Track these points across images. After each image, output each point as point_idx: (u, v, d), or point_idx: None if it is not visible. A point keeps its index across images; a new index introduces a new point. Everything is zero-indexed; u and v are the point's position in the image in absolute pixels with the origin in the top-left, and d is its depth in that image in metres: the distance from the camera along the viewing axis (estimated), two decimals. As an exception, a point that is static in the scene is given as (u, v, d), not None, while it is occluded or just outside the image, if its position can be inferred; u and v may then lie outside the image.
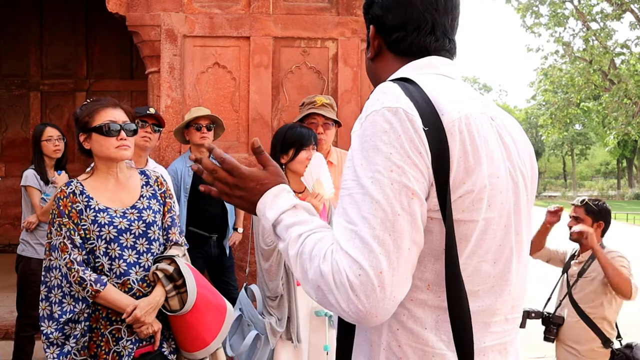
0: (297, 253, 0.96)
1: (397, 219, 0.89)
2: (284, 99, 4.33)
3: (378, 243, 0.88)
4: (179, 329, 2.11)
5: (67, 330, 1.98)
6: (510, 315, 1.07)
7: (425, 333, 0.98)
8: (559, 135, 28.25)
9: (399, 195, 0.90)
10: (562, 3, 22.90)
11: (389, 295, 0.88)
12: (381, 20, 1.11)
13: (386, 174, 0.90)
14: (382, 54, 1.13)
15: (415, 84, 1.01)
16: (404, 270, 0.90)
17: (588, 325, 2.80)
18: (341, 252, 0.90)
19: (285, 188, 1.06)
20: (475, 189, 0.96)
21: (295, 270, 0.97)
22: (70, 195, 2.03)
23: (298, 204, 1.02)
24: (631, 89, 20.83)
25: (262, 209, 1.04)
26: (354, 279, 0.87)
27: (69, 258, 1.96)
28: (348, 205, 0.93)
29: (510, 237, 1.04)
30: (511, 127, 1.10)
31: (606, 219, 2.91)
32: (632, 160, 47.54)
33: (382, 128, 0.93)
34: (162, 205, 2.21)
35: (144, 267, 2.06)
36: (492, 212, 0.99)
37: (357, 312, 0.88)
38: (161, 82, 4.23)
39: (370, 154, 0.93)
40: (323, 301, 0.93)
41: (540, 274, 8.74)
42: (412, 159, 0.92)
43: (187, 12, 4.25)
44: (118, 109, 2.12)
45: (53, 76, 6.99)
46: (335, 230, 0.94)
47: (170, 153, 4.21)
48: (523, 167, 1.08)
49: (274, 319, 2.40)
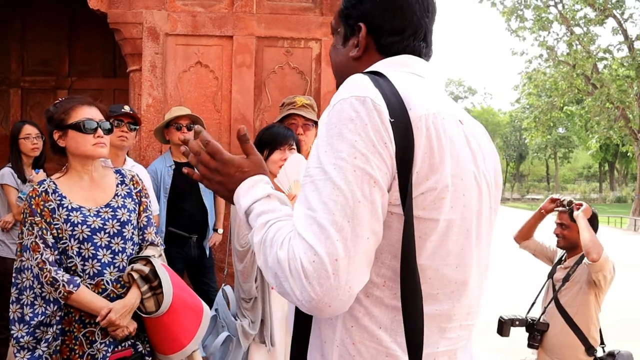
0: (261, 240, 0.95)
1: (357, 205, 0.88)
2: (266, 99, 4.31)
3: (336, 229, 0.87)
4: (154, 331, 2.08)
5: (39, 334, 1.94)
6: (465, 322, 1.07)
7: (380, 332, 0.97)
8: (542, 138, 28.58)
9: (361, 182, 0.89)
10: (547, 7, 23.18)
11: (344, 284, 0.86)
12: (376, 22, 1.09)
13: (349, 161, 0.90)
14: (368, 54, 1.11)
15: (385, 77, 1.00)
16: (360, 260, 0.89)
17: (573, 330, 2.76)
18: (298, 238, 0.89)
19: (263, 179, 1.05)
20: (438, 187, 0.96)
21: (259, 258, 0.96)
22: (43, 194, 1.99)
23: (272, 194, 1.02)
24: (613, 94, 21.14)
25: (238, 197, 1.04)
26: (308, 265, 0.86)
27: (41, 258, 1.93)
28: (309, 191, 0.92)
29: (472, 242, 1.03)
30: (478, 134, 1.10)
31: (593, 223, 2.85)
32: (613, 164, 48.27)
33: (349, 116, 0.93)
34: (138, 205, 2.18)
35: (118, 268, 2.03)
36: (455, 213, 0.98)
37: (310, 301, 0.87)
38: (142, 80, 4.18)
39: (334, 140, 0.92)
40: (280, 289, 0.91)
41: (522, 282, 8.81)
42: (376, 148, 0.91)
43: (170, 10, 4.21)
44: (93, 107, 2.10)
45: (34, 73, 6.88)
46: (295, 217, 0.93)
47: (151, 152, 4.16)
48: (488, 174, 1.08)
49: (247, 321, 2.37)
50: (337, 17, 1.16)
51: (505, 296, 7.21)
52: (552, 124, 27.28)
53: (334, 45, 1.19)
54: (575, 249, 2.90)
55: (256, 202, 1.01)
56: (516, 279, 8.78)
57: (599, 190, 48.55)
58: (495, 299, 7.17)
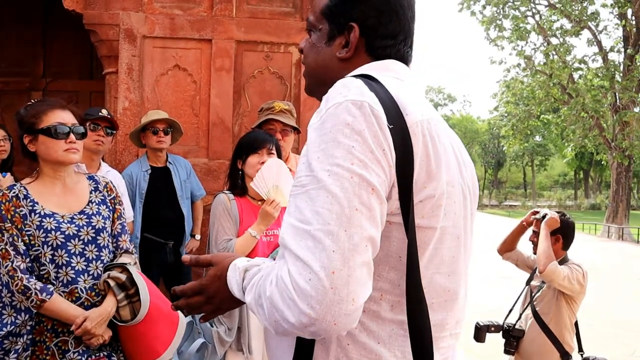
0: (253, 298, 0.90)
1: (354, 214, 0.83)
2: (245, 104, 4.27)
3: (331, 239, 0.81)
4: (129, 339, 2.03)
5: (7, 345, 1.87)
6: (454, 331, 1.06)
7: (379, 347, 0.93)
8: (519, 146, 29.02)
9: (359, 189, 0.84)
10: (525, 18, 23.60)
11: (346, 297, 0.80)
12: (371, 23, 1.04)
13: (346, 167, 0.84)
14: (356, 55, 1.06)
15: (378, 81, 0.96)
16: (361, 270, 0.82)
17: (548, 337, 2.78)
18: (290, 259, 0.83)
19: (233, 265, 1.00)
20: (436, 194, 0.94)
21: (259, 315, 0.90)
22: (14, 199, 1.92)
23: (248, 267, 0.97)
24: (588, 103, 21.59)
25: (235, 294, 0.99)
26: (305, 284, 0.80)
27: (11, 266, 1.86)
28: (301, 202, 0.86)
29: (461, 250, 1.02)
30: (458, 140, 1.09)
31: (565, 233, 2.88)
32: (588, 172, 49.27)
33: (344, 120, 0.87)
34: (112, 212, 2.13)
35: (93, 275, 1.98)
36: (448, 221, 0.97)
37: (313, 323, 0.80)
38: (119, 83, 4.11)
39: (328, 146, 0.86)
40: (279, 329, 0.85)
41: (500, 288, 8.89)
42: (374, 154, 0.86)
43: (147, 12, 4.14)
44: (66, 111, 2.03)
45: (8, 74, 6.72)
46: (285, 232, 0.87)
47: (126, 157, 4.09)
48: (469, 180, 1.07)
49: (223, 328, 2.33)
50: (319, 14, 1.09)
51: (484, 302, 7.26)
52: (529, 132, 27.72)
53: (311, 43, 1.12)
54: None
55: (242, 283, 0.96)
56: (496, 285, 8.86)
57: (574, 198, 49.47)
58: (475, 304, 7.22)
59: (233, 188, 2.52)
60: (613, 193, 23.22)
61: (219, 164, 4.19)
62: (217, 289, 1.02)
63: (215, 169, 4.18)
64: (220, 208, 2.40)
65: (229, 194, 2.48)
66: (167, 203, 3.62)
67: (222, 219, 2.38)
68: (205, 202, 3.99)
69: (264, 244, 2.45)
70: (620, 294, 8.79)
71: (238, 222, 2.40)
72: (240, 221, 2.40)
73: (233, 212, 2.40)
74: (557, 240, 2.87)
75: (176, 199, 3.65)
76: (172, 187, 3.63)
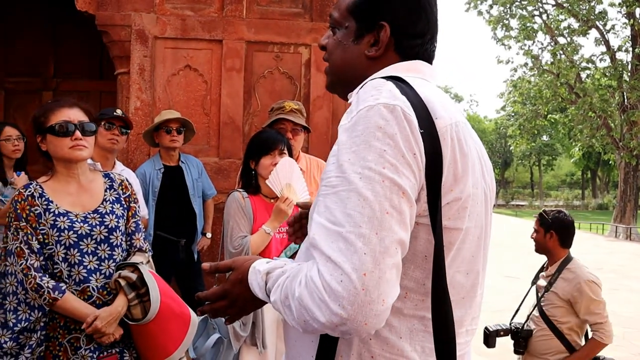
0: (280, 300, 0.92)
1: (385, 217, 0.84)
2: (255, 104, 4.30)
3: (363, 242, 0.82)
4: (141, 338, 2.05)
5: (22, 340, 1.90)
6: (470, 327, 1.08)
7: (401, 342, 0.95)
8: (527, 145, 28.88)
9: (390, 192, 0.85)
10: (532, 17, 23.48)
11: (377, 298, 0.82)
12: (401, 22, 1.04)
13: (377, 170, 0.86)
14: (386, 55, 1.06)
15: (408, 84, 0.97)
16: (391, 272, 0.84)
17: (556, 336, 2.78)
18: (321, 260, 0.84)
19: (253, 268, 1.02)
20: (462, 196, 0.95)
21: (286, 315, 0.91)
22: (29, 199, 1.94)
23: (270, 269, 0.98)
24: (595, 103, 21.45)
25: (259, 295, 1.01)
26: (337, 285, 0.82)
27: (26, 264, 1.88)
28: (331, 203, 0.87)
29: (481, 250, 1.04)
30: (479, 141, 1.11)
31: (559, 229, 2.85)
32: (596, 172, 48.95)
33: (377, 124, 0.88)
34: (126, 210, 2.14)
35: (104, 274, 2.00)
36: (471, 222, 0.99)
37: (344, 323, 0.82)
38: (131, 83, 4.14)
39: (360, 149, 0.87)
40: (308, 328, 0.87)
41: (506, 288, 8.87)
42: (406, 158, 0.88)
43: (159, 13, 4.18)
44: (75, 108, 2.02)
45: (19, 74, 6.78)
46: (315, 232, 0.88)
47: (139, 156, 4.12)
48: (489, 182, 1.09)
49: (237, 323, 2.35)
50: (345, 11, 1.08)
51: (490, 302, 7.25)
52: (536, 132, 27.60)
53: (337, 40, 1.10)
54: (548, 254, 2.92)
55: (265, 286, 0.98)
56: (502, 285, 8.84)
57: (581, 198, 49.17)
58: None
59: (246, 187, 2.55)
60: (621, 193, 23.06)
61: (229, 163, 4.22)
62: (239, 292, 1.04)
63: (226, 167, 4.21)
64: (234, 206, 2.43)
65: (243, 192, 2.51)
66: (179, 201, 3.65)
67: (237, 217, 2.41)
68: (216, 200, 4.03)
69: (277, 240, 2.48)
70: (628, 294, 8.76)
71: (252, 220, 2.43)
72: (254, 219, 2.43)
73: (247, 210, 2.43)
74: (552, 236, 2.85)
75: (188, 198, 3.69)
76: (184, 186, 3.67)
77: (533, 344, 2.87)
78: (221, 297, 1.07)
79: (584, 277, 2.74)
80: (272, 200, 2.52)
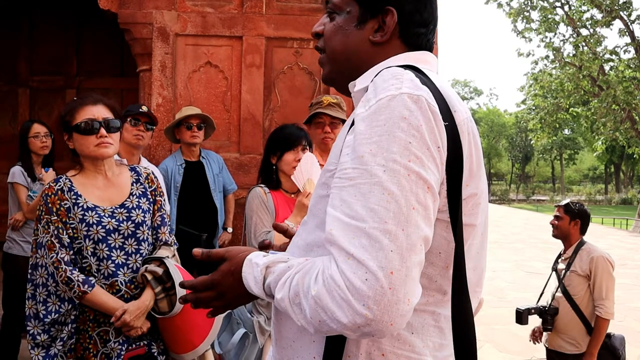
0: (289, 298, 0.86)
1: (411, 212, 0.80)
2: (275, 100, 4.32)
3: (390, 239, 0.78)
4: (167, 330, 2.09)
5: (54, 332, 1.94)
6: None
7: (413, 338, 0.92)
8: (548, 139, 28.44)
9: (416, 187, 0.81)
10: (553, 9, 23.06)
11: (403, 297, 0.77)
12: (408, 9, 1.01)
13: (403, 163, 0.81)
14: (390, 41, 1.02)
15: (425, 74, 0.93)
16: (417, 271, 0.80)
17: (576, 313, 3.09)
18: (342, 257, 0.79)
19: (249, 260, 0.96)
20: (477, 192, 0.94)
21: (294, 314, 0.86)
22: (59, 193, 1.98)
23: (270, 263, 0.93)
24: (619, 96, 21.01)
25: (252, 290, 0.95)
26: (361, 285, 0.77)
27: (56, 257, 1.92)
28: (349, 196, 0.82)
29: (484, 245, 1.03)
30: None
31: (582, 219, 3.25)
32: (619, 166, 48.03)
33: (401, 114, 0.83)
34: (152, 204, 2.16)
35: (132, 269, 2.03)
36: (480, 218, 0.98)
37: (366, 324, 0.77)
38: (152, 80, 4.20)
39: (382, 139, 0.82)
40: (323, 328, 0.82)
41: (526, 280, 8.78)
42: (430, 151, 0.84)
43: (180, 10, 4.22)
44: (99, 105, 2.03)
45: (42, 73, 6.92)
46: (333, 227, 0.82)
47: (160, 152, 4.18)
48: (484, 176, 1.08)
49: (262, 318, 2.37)
50: None
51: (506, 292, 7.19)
52: (557, 126, 27.13)
53: (337, 26, 1.05)
54: (566, 239, 3.26)
55: (264, 281, 0.92)
56: (522, 277, 8.76)
57: (604, 192, 48.30)
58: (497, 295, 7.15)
59: (267, 182, 2.57)
60: (645, 187, 22.58)
61: (249, 159, 4.26)
62: (229, 284, 0.98)
63: (246, 163, 4.25)
64: (256, 201, 2.45)
65: (264, 187, 2.53)
66: (200, 196, 3.70)
67: (260, 212, 2.43)
68: (237, 196, 4.07)
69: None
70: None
71: (274, 215, 2.45)
72: (276, 213, 2.46)
73: (269, 205, 2.45)
74: (576, 224, 3.23)
75: (209, 193, 3.73)
76: (205, 181, 3.72)
77: (558, 321, 3.19)
78: (208, 287, 1.01)
79: (597, 252, 3.13)
80: (292, 195, 2.54)
